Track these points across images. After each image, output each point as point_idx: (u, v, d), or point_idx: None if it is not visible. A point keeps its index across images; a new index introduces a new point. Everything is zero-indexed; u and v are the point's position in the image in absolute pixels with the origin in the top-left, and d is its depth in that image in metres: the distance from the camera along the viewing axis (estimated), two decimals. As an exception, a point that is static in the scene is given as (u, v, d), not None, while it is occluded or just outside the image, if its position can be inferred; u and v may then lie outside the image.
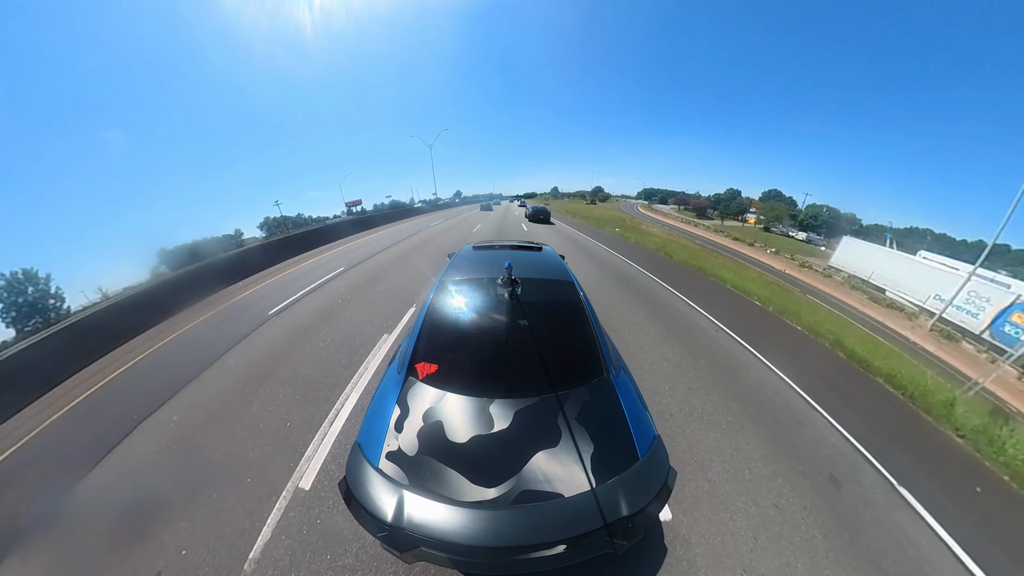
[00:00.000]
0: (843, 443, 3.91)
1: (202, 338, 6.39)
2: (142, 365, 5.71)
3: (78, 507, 3.05)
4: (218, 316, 7.50)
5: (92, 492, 3.20)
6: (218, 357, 5.40)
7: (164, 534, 2.66)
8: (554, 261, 3.68)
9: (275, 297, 8.13)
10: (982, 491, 3.60)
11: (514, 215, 31.77)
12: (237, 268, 10.76)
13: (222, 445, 3.52)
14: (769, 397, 4.59)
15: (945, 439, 4.40)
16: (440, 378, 2.28)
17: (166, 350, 6.13)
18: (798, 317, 7.94)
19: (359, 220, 23.26)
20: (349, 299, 7.50)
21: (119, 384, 5.21)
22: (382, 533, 1.67)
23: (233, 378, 4.75)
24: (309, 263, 11.86)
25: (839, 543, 2.72)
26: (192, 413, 4.10)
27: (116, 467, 3.46)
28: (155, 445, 3.66)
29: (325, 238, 16.99)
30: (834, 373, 5.62)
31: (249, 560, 2.43)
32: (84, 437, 3.99)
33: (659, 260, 13.27)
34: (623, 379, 2.41)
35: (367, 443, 2.00)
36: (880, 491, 3.32)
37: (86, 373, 5.77)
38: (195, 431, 3.79)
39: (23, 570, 2.58)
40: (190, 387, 4.67)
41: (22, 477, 3.56)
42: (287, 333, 6.00)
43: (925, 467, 3.74)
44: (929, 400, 5.01)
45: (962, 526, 3.04)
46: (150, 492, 3.10)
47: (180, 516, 2.80)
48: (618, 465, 1.86)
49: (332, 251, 14.20)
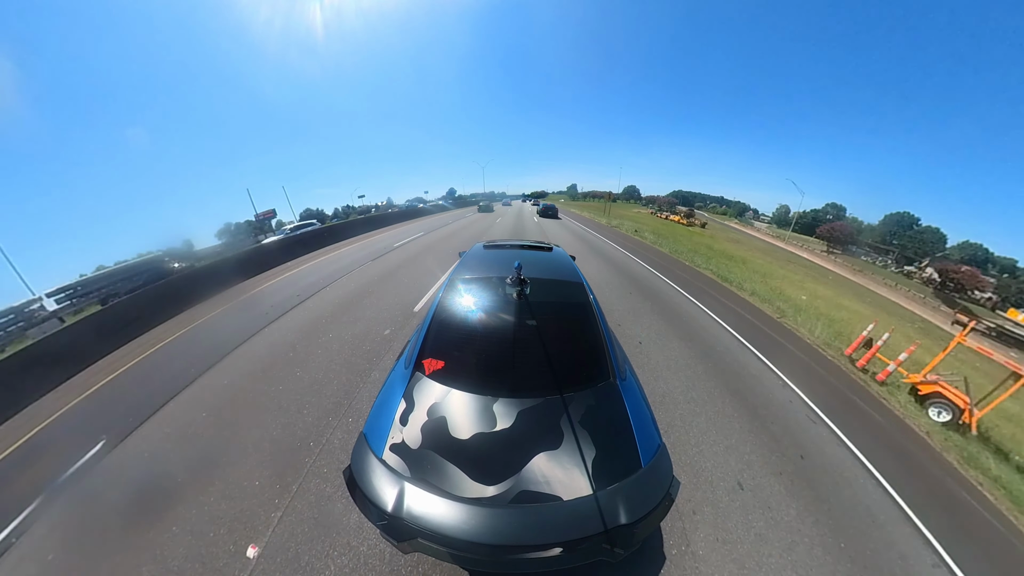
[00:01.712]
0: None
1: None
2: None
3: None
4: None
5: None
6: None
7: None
8: (564, 262, 3.66)
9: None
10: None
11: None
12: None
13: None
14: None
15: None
16: (446, 374, 2.30)
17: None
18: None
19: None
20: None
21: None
22: (382, 522, 1.70)
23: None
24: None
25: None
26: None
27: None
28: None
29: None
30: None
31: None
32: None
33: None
34: (630, 384, 2.38)
35: (372, 434, 2.04)
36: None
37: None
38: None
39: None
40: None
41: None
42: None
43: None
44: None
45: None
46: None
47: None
48: (620, 472, 1.84)
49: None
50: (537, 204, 44.29)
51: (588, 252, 13.83)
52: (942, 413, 5.23)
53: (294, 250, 13.41)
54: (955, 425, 5.12)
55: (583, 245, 15.47)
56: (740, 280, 11.39)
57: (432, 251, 13.06)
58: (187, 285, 8.87)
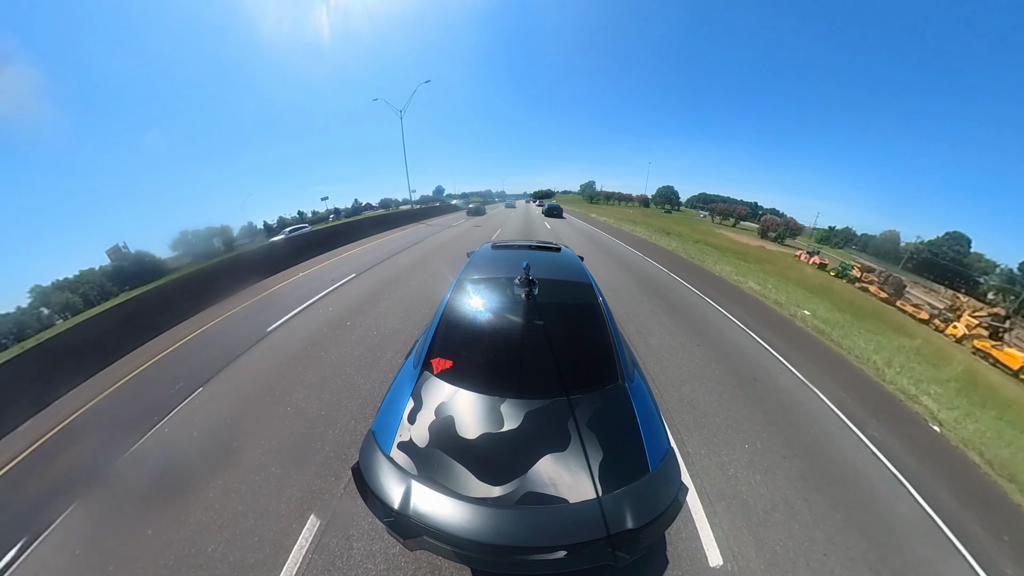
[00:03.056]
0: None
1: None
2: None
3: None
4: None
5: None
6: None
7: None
8: (573, 263, 3.65)
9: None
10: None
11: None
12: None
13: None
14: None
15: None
16: (454, 374, 2.32)
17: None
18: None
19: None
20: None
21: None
22: (388, 519, 1.72)
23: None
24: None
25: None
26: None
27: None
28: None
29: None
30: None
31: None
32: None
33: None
34: (639, 387, 2.37)
35: (381, 432, 2.06)
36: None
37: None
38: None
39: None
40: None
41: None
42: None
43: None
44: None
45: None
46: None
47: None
48: (627, 476, 1.83)
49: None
50: (541, 205, 44.28)
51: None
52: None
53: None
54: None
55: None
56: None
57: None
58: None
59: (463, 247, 13.34)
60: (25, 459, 3.82)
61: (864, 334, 8.45)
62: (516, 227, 22.05)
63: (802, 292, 12.51)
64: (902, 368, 6.48)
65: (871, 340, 7.98)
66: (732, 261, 16.13)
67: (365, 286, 8.59)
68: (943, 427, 4.72)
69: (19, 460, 3.81)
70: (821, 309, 9.98)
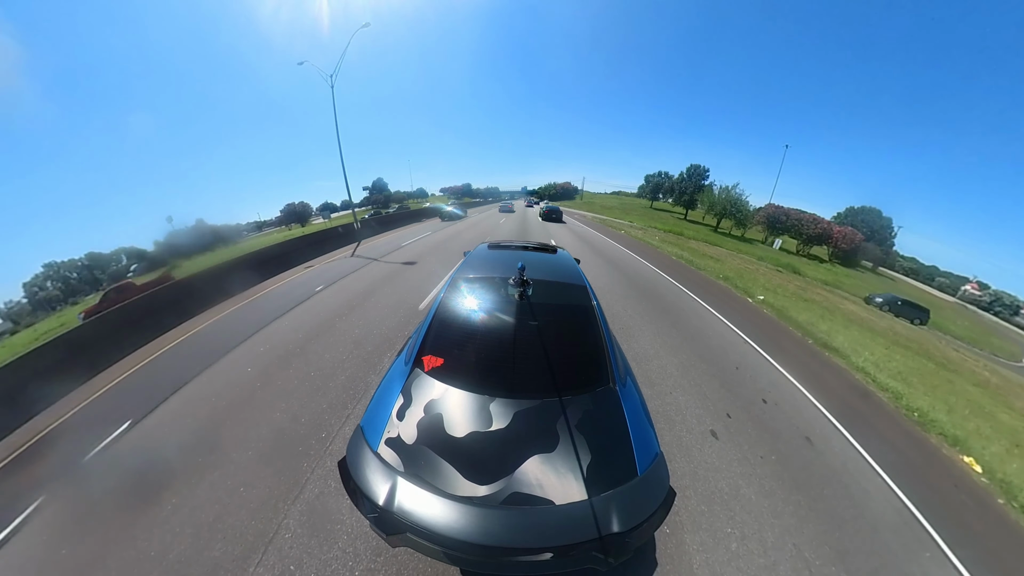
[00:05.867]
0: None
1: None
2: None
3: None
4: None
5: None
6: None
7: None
8: (568, 264, 3.64)
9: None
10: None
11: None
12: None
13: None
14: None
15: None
16: (445, 372, 2.31)
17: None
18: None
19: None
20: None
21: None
22: (372, 515, 1.71)
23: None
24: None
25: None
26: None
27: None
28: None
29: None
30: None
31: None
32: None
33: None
34: (629, 390, 2.36)
35: (369, 427, 2.06)
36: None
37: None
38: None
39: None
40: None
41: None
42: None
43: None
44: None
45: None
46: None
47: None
48: (615, 479, 1.82)
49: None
50: (539, 204, 42.16)
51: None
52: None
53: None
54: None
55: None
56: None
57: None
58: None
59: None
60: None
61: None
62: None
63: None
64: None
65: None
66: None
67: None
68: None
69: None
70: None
